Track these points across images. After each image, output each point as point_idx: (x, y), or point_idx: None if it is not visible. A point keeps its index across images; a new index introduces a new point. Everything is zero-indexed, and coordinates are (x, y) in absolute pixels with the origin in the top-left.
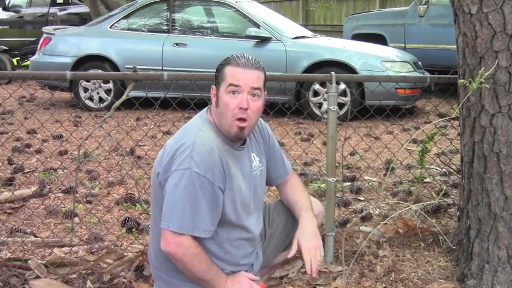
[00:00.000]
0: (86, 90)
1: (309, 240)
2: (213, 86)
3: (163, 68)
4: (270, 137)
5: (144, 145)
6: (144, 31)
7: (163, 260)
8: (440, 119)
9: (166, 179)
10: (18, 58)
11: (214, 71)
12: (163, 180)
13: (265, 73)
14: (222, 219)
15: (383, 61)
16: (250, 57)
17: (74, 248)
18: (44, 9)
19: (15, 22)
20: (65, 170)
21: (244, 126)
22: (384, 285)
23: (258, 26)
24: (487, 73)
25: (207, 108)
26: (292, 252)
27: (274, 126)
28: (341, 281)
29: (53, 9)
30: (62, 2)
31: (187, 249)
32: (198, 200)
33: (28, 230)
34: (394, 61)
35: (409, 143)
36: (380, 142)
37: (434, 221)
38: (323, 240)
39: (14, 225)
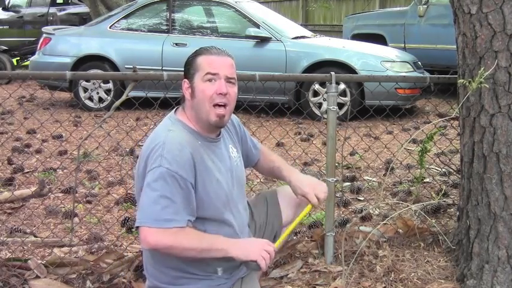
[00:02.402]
0: (85, 90)
1: (308, 183)
2: (185, 80)
3: (163, 68)
4: (240, 126)
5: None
6: (143, 31)
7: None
8: (440, 119)
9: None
10: (18, 58)
11: None
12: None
13: (234, 61)
14: (206, 214)
15: (383, 61)
16: (219, 47)
17: (74, 248)
18: (44, 9)
19: (15, 22)
20: (65, 170)
21: (224, 114)
22: (383, 285)
23: (258, 26)
24: (487, 73)
25: (174, 109)
26: (307, 199)
27: (274, 126)
28: (341, 281)
29: (52, 9)
30: (61, 2)
31: (167, 237)
32: (172, 195)
33: (28, 230)
34: (394, 61)
35: (408, 143)
36: (380, 142)
37: (434, 221)
38: (323, 240)
39: (14, 225)
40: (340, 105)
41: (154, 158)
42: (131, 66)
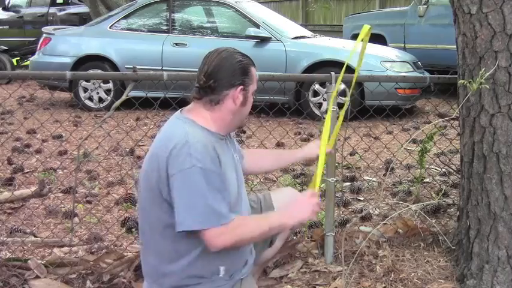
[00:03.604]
0: (85, 90)
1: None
2: (241, 87)
3: (163, 68)
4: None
5: (144, 145)
6: (143, 31)
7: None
8: (440, 119)
9: (162, 183)
10: (18, 58)
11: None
12: (159, 184)
13: None
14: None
15: (383, 61)
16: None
17: (74, 248)
18: (44, 9)
19: (15, 22)
20: (65, 170)
21: None
22: (383, 285)
23: (258, 26)
24: (487, 73)
25: (180, 110)
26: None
27: (274, 126)
28: (341, 281)
29: (52, 9)
30: (61, 2)
31: (230, 232)
32: (217, 190)
33: (28, 230)
34: (394, 61)
35: (408, 143)
36: (380, 142)
37: (434, 221)
38: (322, 240)
39: (14, 225)
40: (340, 105)
41: (182, 158)
42: (131, 66)
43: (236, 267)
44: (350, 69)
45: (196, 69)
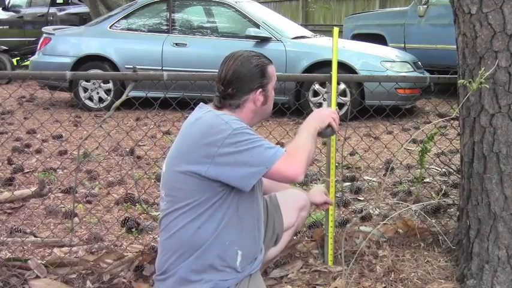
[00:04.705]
0: (85, 90)
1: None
2: (260, 89)
3: (163, 68)
4: None
5: (144, 145)
6: (143, 31)
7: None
8: (440, 119)
9: (200, 163)
10: (18, 58)
11: (213, 70)
12: (196, 165)
13: None
14: (247, 197)
15: (383, 61)
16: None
17: (74, 248)
18: (44, 9)
19: (15, 22)
20: (65, 170)
21: None
22: (383, 285)
23: (258, 26)
24: (487, 73)
25: (201, 104)
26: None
27: (274, 126)
28: (341, 281)
29: (52, 9)
30: (61, 2)
31: (295, 157)
32: (259, 138)
33: (28, 230)
34: (394, 61)
35: (408, 143)
36: (380, 142)
37: (434, 221)
38: (322, 240)
39: (14, 225)
40: (340, 105)
41: (221, 130)
42: (131, 66)
43: (249, 258)
44: (350, 69)
45: (196, 69)
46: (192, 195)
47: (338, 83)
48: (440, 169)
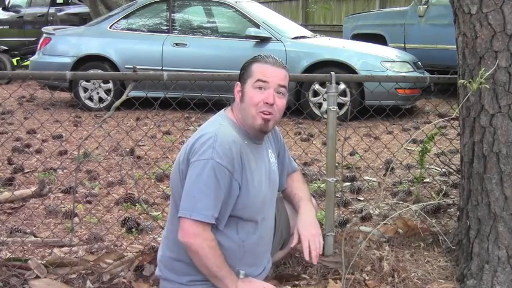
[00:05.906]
0: (85, 90)
1: (308, 229)
2: (238, 83)
3: (163, 68)
4: (280, 136)
5: (144, 145)
6: (143, 31)
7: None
8: (440, 119)
9: (185, 169)
10: (18, 58)
11: (213, 70)
12: (183, 170)
13: (289, 74)
14: (242, 214)
15: (383, 61)
16: (277, 57)
17: (74, 248)
18: (44, 9)
19: (15, 22)
20: (65, 170)
21: (269, 118)
22: (383, 285)
23: (258, 26)
24: (487, 73)
25: (224, 109)
26: (294, 242)
27: None
28: (340, 281)
29: (52, 9)
30: (61, 2)
31: (204, 241)
32: (219, 190)
33: (28, 230)
34: (394, 61)
35: (408, 143)
36: (380, 142)
37: (434, 221)
38: (323, 240)
39: (14, 225)
40: (340, 105)
41: (205, 148)
42: (131, 66)
43: (254, 273)
44: (350, 69)
45: (196, 69)
46: None
47: (338, 83)
48: (440, 169)
